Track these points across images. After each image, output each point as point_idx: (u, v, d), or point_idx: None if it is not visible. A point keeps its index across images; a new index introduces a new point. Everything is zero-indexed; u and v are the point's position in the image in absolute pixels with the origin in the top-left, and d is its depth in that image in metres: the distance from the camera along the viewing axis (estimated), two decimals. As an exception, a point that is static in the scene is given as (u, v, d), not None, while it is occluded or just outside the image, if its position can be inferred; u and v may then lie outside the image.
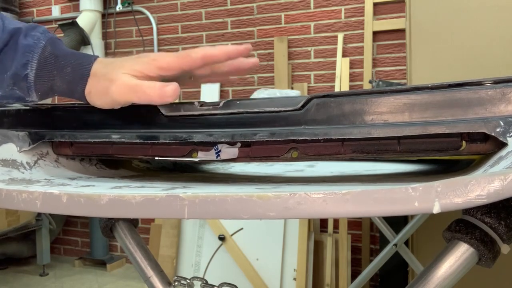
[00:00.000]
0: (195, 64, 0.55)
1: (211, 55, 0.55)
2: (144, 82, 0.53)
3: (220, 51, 0.55)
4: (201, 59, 0.54)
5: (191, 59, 0.54)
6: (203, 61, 0.55)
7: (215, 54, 0.55)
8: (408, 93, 0.46)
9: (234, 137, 0.51)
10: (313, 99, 0.49)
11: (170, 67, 0.54)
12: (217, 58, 0.56)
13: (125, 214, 0.38)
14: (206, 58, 0.55)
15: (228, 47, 0.56)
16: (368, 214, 0.32)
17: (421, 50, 1.60)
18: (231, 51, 0.56)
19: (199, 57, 0.54)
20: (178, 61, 0.54)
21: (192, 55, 0.54)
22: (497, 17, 1.51)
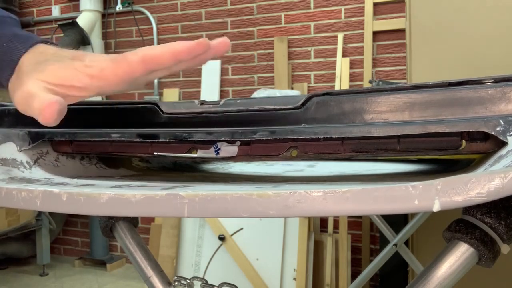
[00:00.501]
0: (134, 70, 0.44)
1: (152, 57, 0.43)
2: (40, 94, 0.42)
3: (163, 51, 0.43)
4: (141, 63, 0.43)
5: (127, 64, 0.43)
6: (144, 66, 0.44)
7: (158, 56, 0.43)
8: (408, 92, 0.46)
9: (233, 136, 0.51)
10: (313, 98, 0.49)
11: (105, 76, 0.44)
12: (161, 61, 0.44)
13: (125, 213, 0.37)
14: (147, 62, 0.44)
15: (174, 46, 0.43)
16: (368, 212, 0.32)
17: (421, 50, 1.60)
18: (179, 52, 0.43)
19: (137, 60, 0.43)
20: (113, 68, 0.44)
21: (128, 58, 0.44)
22: (497, 17, 1.51)
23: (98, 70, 0.44)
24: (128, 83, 0.45)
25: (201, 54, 0.44)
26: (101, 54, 0.46)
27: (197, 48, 0.43)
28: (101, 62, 0.44)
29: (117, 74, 0.44)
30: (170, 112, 0.56)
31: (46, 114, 0.41)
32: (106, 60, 0.45)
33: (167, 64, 0.44)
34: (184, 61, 0.44)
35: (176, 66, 0.45)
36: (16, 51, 0.47)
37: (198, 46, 0.43)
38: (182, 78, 3.04)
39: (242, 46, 2.87)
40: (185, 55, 0.43)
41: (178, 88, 3.03)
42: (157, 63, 0.44)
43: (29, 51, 0.47)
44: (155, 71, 0.45)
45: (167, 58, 0.43)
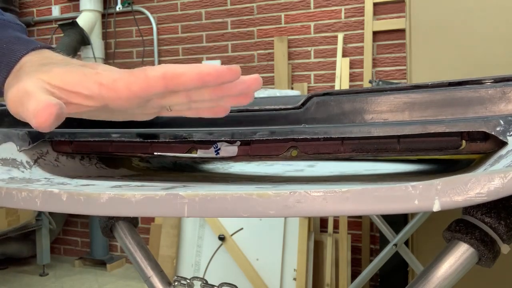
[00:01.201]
0: (151, 86, 0.38)
1: (175, 74, 0.38)
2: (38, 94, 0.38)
3: (188, 70, 0.38)
4: (161, 80, 0.38)
5: (145, 79, 0.38)
6: (164, 83, 0.38)
7: (181, 74, 0.38)
8: (408, 92, 0.46)
9: (233, 136, 0.51)
10: (313, 98, 0.49)
11: (115, 88, 0.39)
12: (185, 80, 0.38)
13: (125, 213, 0.37)
14: (169, 80, 0.38)
15: (201, 66, 0.38)
16: (368, 212, 0.32)
17: (421, 50, 1.60)
18: (206, 74, 0.38)
19: (157, 76, 0.38)
20: (128, 80, 0.39)
21: (147, 72, 0.39)
22: (497, 17, 1.51)
23: (110, 80, 0.39)
24: (140, 101, 0.40)
25: (229, 81, 0.39)
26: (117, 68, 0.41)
27: (226, 73, 0.38)
28: (114, 73, 0.40)
29: (130, 87, 0.39)
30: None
31: (41, 116, 0.36)
32: (121, 72, 0.40)
33: (190, 85, 0.38)
34: (210, 86, 0.39)
35: (198, 94, 0.40)
36: (15, 52, 0.43)
37: (228, 71, 0.38)
38: (182, 78, 3.04)
39: (242, 46, 2.87)
40: (212, 78, 0.38)
41: (178, 88, 3.03)
42: (179, 83, 0.38)
43: (31, 53, 0.43)
44: (174, 93, 0.40)
45: (191, 78, 0.38)
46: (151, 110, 0.44)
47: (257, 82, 0.41)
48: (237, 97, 0.42)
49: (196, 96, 0.41)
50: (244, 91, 0.41)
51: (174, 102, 0.42)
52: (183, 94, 0.41)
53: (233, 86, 0.40)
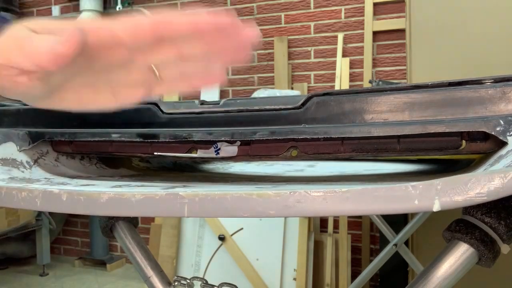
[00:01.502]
0: (141, 31, 0.34)
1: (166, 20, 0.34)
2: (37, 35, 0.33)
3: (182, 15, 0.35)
4: (151, 22, 0.34)
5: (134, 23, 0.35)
6: (154, 26, 0.34)
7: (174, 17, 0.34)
8: (408, 92, 0.46)
9: (233, 136, 0.51)
10: (313, 98, 0.49)
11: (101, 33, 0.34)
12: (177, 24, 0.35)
13: (125, 213, 0.37)
14: (159, 22, 0.34)
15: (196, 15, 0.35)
16: (368, 212, 0.32)
17: (421, 50, 1.60)
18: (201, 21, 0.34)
19: (149, 21, 0.35)
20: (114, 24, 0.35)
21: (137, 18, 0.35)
22: (497, 17, 1.51)
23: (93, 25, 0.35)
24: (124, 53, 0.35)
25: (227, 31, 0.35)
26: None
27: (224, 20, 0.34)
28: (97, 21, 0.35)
29: (114, 31, 0.34)
30: (170, 112, 0.56)
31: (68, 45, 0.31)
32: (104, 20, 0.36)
33: (183, 31, 0.34)
34: (205, 34, 0.35)
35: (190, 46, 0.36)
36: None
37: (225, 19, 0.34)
38: (182, 78, 3.04)
39: (242, 46, 2.86)
40: (207, 25, 0.34)
41: (178, 88, 3.03)
42: (171, 26, 0.34)
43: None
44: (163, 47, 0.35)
45: (184, 22, 0.34)
46: (136, 75, 0.38)
47: (254, 34, 0.36)
48: (231, 52, 0.37)
49: (187, 49, 0.36)
50: (238, 43, 0.36)
51: (162, 58, 0.37)
52: (173, 48, 0.36)
53: (228, 38, 0.35)
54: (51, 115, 0.64)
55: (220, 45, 0.36)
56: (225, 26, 0.34)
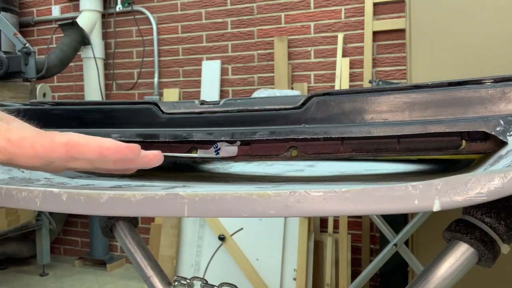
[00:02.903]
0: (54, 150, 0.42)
1: (77, 144, 0.41)
2: None
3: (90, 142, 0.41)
4: (63, 146, 0.41)
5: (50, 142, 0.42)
6: (65, 150, 0.41)
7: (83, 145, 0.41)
8: (408, 92, 0.46)
9: (233, 136, 0.51)
10: (313, 98, 0.49)
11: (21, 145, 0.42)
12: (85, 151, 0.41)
13: (125, 213, 0.37)
14: (70, 147, 0.41)
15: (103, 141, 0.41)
16: (368, 212, 0.32)
17: (421, 50, 1.60)
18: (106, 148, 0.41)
19: (60, 142, 0.41)
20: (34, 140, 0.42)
21: (54, 137, 0.42)
22: (497, 17, 1.51)
23: (19, 137, 0.42)
24: (44, 162, 0.43)
25: (129, 159, 0.42)
26: (31, 126, 0.45)
27: (125, 151, 0.41)
28: (25, 131, 0.43)
29: (35, 147, 0.42)
30: (170, 112, 0.56)
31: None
32: (31, 131, 0.43)
33: (90, 156, 0.41)
34: (110, 161, 0.42)
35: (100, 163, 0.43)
36: None
37: (127, 149, 0.41)
38: (182, 78, 3.04)
39: (242, 46, 2.87)
40: (112, 153, 0.41)
41: (178, 88, 3.03)
42: (80, 152, 0.41)
43: None
44: (76, 160, 0.42)
45: (91, 150, 0.41)
46: (57, 170, 0.46)
47: (158, 159, 0.44)
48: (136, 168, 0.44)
49: (99, 165, 0.43)
50: (145, 165, 0.44)
51: (78, 166, 0.43)
52: (86, 161, 0.43)
53: (133, 161, 0.42)
54: (51, 115, 0.64)
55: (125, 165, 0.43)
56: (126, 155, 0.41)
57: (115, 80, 3.23)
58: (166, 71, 3.08)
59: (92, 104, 0.62)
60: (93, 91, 3.12)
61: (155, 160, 0.44)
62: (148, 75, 3.12)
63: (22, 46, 2.61)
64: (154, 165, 0.44)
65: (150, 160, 0.43)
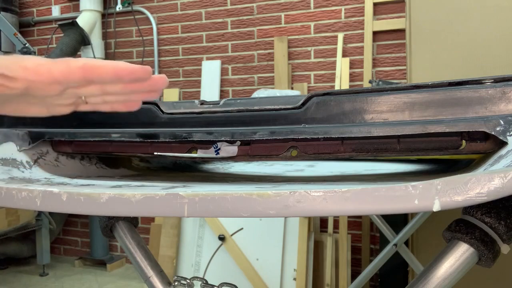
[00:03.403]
0: (71, 74, 0.43)
1: (94, 66, 0.43)
2: None
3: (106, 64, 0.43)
4: (80, 69, 0.43)
5: (66, 66, 0.43)
6: (82, 73, 0.43)
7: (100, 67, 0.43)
8: (408, 92, 0.46)
9: (234, 136, 0.51)
10: (313, 98, 0.49)
11: (39, 72, 0.43)
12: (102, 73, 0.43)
13: (125, 212, 0.37)
14: (87, 70, 0.43)
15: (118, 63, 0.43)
16: (368, 212, 0.32)
17: (421, 50, 1.60)
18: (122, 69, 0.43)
19: (78, 65, 0.43)
20: (51, 65, 0.43)
21: (69, 61, 0.43)
22: (497, 17, 1.51)
23: (34, 64, 0.43)
24: (60, 87, 0.44)
25: (141, 79, 0.44)
26: (42, 57, 0.45)
27: (139, 72, 0.43)
28: (39, 59, 0.44)
29: (52, 72, 0.43)
30: (170, 112, 0.56)
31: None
32: (46, 59, 0.44)
33: (106, 78, 0.43)
34: (124, 81, 0.44)
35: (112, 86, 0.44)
36: None
37: (141, 70, 0.43)
38: (182, 78, 3.04)
39: (242, 46, 2.87)
40: (127, 74, 0.43)
41: (178, 88, 3.03)
42: (97, 74, 0.43)
43: None
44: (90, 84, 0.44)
45: (108, 71, 0.43)
46: (68, 100, 0.47)
47: (163, 80, 0.46)
48: (147, 92, 0.46)
49: (110, 88, 0.45)
50: (152, 88, 0.46)
51: (89, 92, 0.45)
52: (98, 86, 0.45)
53: (143, 83, 0.45)
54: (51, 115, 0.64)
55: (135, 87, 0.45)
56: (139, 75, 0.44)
57: (115, 80, 3.22)
58: (166, 71, 3.08)
59: (92, 104, 0.62)
60: (93, 91, 3.12)
61: (162, 82, 0.46)
62: (148, 75, 3.11)
63: (22, 46, 2.61)
64: (162, 86, 0.46)
65: (158, 81, 0.45)
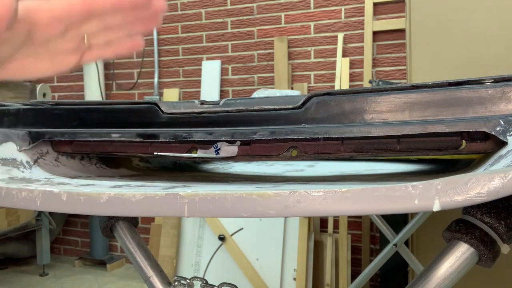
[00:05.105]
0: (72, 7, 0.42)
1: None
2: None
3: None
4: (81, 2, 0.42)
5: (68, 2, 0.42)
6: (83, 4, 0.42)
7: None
8: (408, 92, 0.46)
9: (233, 136, 0.51)
10: (313, 98, 0.49)
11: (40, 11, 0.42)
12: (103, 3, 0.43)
13: (125, 212, 0.37)
14: (87, 2, 0.42)
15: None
16: (368, 212, 0.32)
17: (421, 50, 1.60)
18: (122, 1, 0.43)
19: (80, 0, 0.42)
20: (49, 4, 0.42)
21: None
22: (497, 17, 1.51)
23: (33, 4, 0.41)
24: (60, 28, 0.42)
25: (142, 5, 0.44)
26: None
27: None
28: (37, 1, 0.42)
29: (52, 10, 0.42)
30: (170, 112, 0.56)
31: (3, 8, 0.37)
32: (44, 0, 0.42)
33: (107, 8, 0.43)
34: (125, 10, 0.44)
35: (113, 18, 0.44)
36: None
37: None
38: (182, 78, 3.04)
39: (242, 46, 2.87)
40: (127, 1, 0.43)
41: (178, 88, 3.03)
42: (96, 4, 0.42)
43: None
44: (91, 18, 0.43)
45: (108, 1, 0.43)
46: (71, 43, 0.45)
47: (163, 6, 0.46)
48: (147, 22, 0.46)
49: (111, 21, 0.44)
50: (152, 14, 0.46)
51: (90, 29, 0.44)
52: (99, 20, 0.44)
53: (143, 11, 0.45)
54: (51, 115, 0.64)
55: (137, 16, 0.45)
56: (139, 1, 0.44)
57: (115, 80, 3.23)
58: (166, 71, 3.08)
59: (92, 104, 0.62)
60: (93, 91, 3.12)
61: (161, 7, 0.46)
62: (148, 75, 3.12)
63: (22, 46, 2.61)
64: (160, 12, 0.46)
65: (156, 8, 0.46)
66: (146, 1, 0.44)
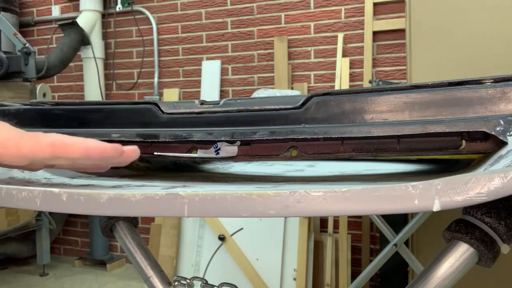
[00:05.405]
0: (40, 151, 0.43)
1: (63, 144, 0.43)
2: None
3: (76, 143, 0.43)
4: (49, 147, 0.43)
5: (36, 143, 0.43)
6: (51, 150, 0.43)
7: (69, 145, 0.43)
8: (408, 92, 0.46)
9: (234, 136, 0.51)
10: (313, 98, 0.49)
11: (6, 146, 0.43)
12: (71, 151, 0.43)
13: (125, 213, 0.37)
14: (57, 148, 0.43)
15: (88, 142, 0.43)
16: (368, 212, 0.32)
17: (421, 50, 1.60)
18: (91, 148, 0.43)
19: (47, 142, 0.43)
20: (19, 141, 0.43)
21: (39, 137, 0.43)
22: (497, 17, 1.51)
23: (3, 139, 0.43)
24: (29, 161, 0.43)
25: (113, 159, 0.44)
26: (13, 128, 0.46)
27: (109, 151, 0.43)
28: (9, 133, 0.44)
29: (20, 148, 0.43)
30: (170, 112, 0.56)
31: None
32: (15, 133, 0.44)
33: (75, 156, 0.43)
34: (93, 160, 0.44)
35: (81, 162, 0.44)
36: None
37: (111, 149, 0.43)
38: (182, 78, 3.04)
39: (242, 46, 2.87)
40: (97, 154, 0.43)
41: (178, 88, 3.03)
42: (66, 152, 0.43)
43: None
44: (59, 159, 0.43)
45: (77, 150, 0.43)
46: (36, 168, 0.46)
47: (135, 153, 0.46)
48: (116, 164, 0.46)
49: (80, 163, 0.44)
50: (122, 162, 0.45)
51: (58, 164, 0.45)
52: (69, 160, 0.44)
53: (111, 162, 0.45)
54: (51, 115, 0.64)
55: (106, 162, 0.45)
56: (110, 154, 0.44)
57: (115, 80, 3.23)
58: (166, 71, 3.08)
59: (92, 104, 0.62)
60: (93, 91, 3.12)
61: (134, 154, 0.46)
62: (148, 75, 3.12)
63: (22, 46, 2.61)
64: (133, 159, 0.46)
65: (129, 155, 0.45)
66: (116, 154, 0.44)
